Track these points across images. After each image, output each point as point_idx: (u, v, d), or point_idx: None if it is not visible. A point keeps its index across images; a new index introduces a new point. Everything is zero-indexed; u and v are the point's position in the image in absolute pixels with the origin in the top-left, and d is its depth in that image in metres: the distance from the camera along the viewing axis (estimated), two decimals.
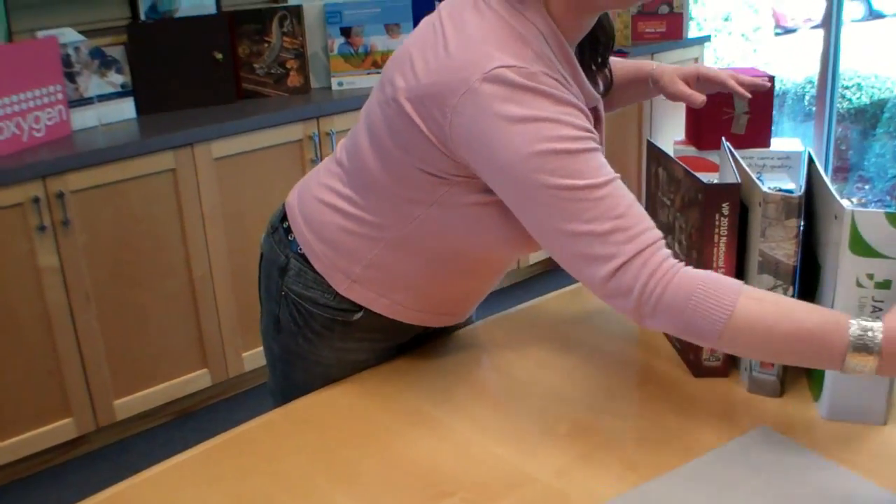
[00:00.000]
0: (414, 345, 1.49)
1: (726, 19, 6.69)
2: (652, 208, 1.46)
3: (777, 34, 7.45)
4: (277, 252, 1.44)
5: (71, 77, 2.80)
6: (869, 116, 5.49)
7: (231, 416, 2.93)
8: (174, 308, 2.82)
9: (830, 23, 4.23)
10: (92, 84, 2.85)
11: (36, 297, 2.53)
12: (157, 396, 2.85)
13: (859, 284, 1.11)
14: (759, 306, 1.05)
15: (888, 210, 1.07)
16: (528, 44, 1.14)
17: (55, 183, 2.49)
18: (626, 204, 1.09)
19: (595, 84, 1.34)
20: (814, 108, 4.59)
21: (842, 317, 1.04)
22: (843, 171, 5.25)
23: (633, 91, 1.55)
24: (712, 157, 1.57)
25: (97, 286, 2.64)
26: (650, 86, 1.51)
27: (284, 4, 3.23)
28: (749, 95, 1.47)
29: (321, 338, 1.41)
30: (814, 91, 4.74)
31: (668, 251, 1.10)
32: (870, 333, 1.01)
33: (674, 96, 1.47)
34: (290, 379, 1.48)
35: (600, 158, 1.11)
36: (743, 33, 6.79)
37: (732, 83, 1.45)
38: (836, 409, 1.18)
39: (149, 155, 2.66)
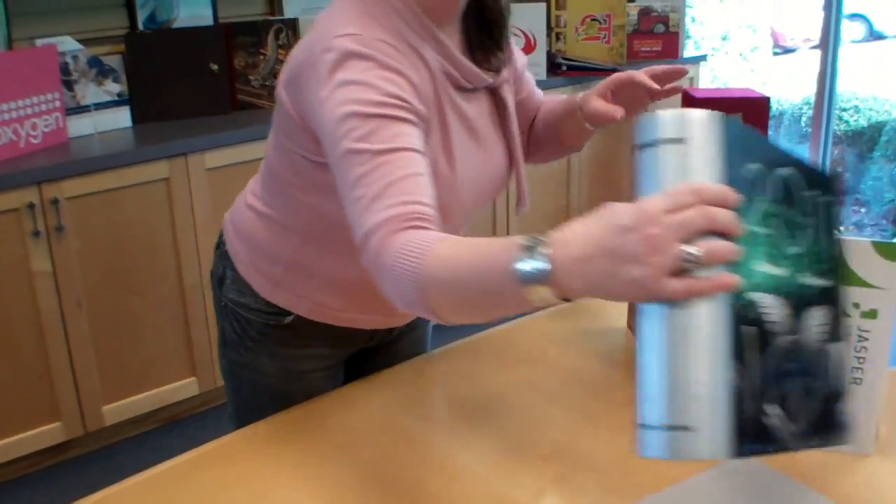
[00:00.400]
0: (371, 359, 1.51)
1: (724, 38, 6.72)
2: None
3: (776, 54, 7.48)
4: (218, 265, 1.48)
5: (69, 85, 2.82)
6: (866, 139, 5.51)
7: (218, 426, 2.89)
8: (165, 316, 2.83)
9: (828, 43, 4.26)
10: (89, 92, 2.87)
11: (28, 302, 2.54)
12: (146, 403, 2.86)
13: (845, 314, 1.08)
14: (453, 249, 0.95)
15: (876, 239, 1.07)
16: (376, 18, 1.16)
17: (50, 189, 2.50)
18: (403, 175, 1.03)
19: (490, 65, 1.32)
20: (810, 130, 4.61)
21: (518, 240, 0.87)
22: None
23: (570, 126, 1.43)
24: None
25: (89, 292, 2.65)
26: (580, 116, 1.39)
27: (280, 17, 3.24)
28: (657, 86, 1.30)
29: (260, 345, 1.43)
30: (811, 112, 4.76)
31: (426, 224, 1.02)
32: (537, 251, 0.84)
33: (593, 117, 1.36)
34: (240, 395, 1.50)
35: (399, 128, 1.07)
36: (741, 53, 6.82)
37: (642, 77, 1.30)
38: None
39: (143, 164, 2.67)
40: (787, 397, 0.86)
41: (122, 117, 2.96)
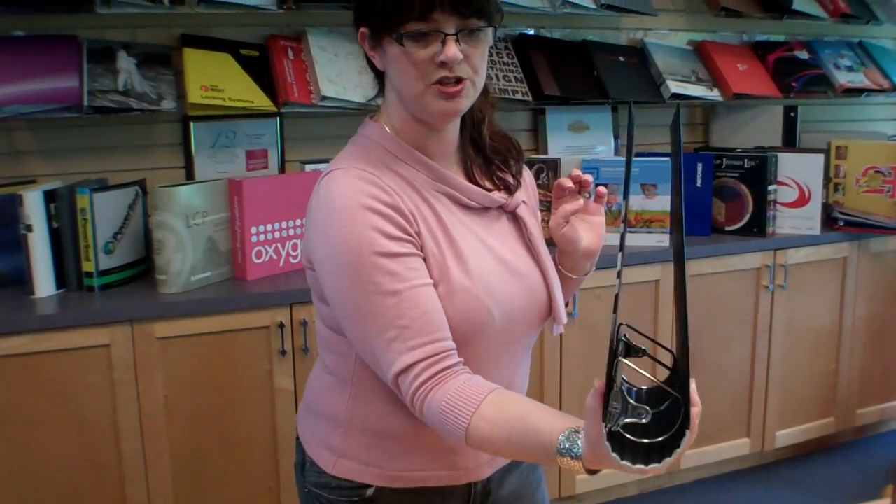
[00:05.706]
0: None
1: None
2: None
3: None
4: (297, 452, 1.51)
5: None
6: None
7: None
8: None
9: None
10: None
11: (268, 416, 2.63)
12: None
13: None
14: (490, 429, 1.16)
15: None
16: (366, 155, 1.36)
17: (301, 311, 2.59)
18: (420, 312, 1.23)
19: (496, 186, 1.41)
20: None
21: (555, 435, 1.09)
22: None
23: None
24: None
25: None
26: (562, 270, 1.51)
27: (544, 156, 3.25)
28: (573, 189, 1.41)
29: None
30: None
31: (452, 361, 1.22)
32: (575, 444, 1.07)
33: (564, 242, 1.44)
34: None
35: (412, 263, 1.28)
36: None
37: (565, 182, 1.39)
38: None
39: None
40: None
41: None
